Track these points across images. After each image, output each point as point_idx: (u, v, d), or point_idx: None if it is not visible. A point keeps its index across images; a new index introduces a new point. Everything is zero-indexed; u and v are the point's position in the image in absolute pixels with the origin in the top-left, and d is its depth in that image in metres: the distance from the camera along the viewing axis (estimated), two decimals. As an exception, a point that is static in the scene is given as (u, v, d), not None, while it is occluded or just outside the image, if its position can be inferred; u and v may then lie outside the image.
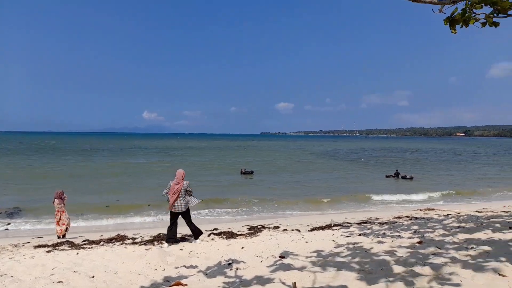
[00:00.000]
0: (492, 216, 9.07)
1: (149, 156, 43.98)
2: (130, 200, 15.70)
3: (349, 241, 6.44)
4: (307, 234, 8.26)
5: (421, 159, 46.42)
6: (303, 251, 5.85)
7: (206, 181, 22.07)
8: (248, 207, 14.79)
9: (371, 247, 5.49)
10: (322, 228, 9.56)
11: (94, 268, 5.63)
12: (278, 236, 8.21)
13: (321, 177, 25.35)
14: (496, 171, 31.04)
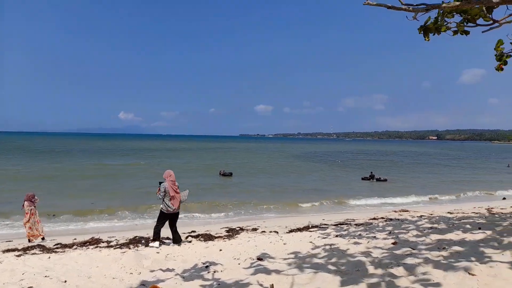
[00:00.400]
0: (463, 217, 9.38)
1: (125, 158, 43.11)
2: (105, 202, 15.32)
3: (326, 242, 6.51)
4: (285, 236, 8.29)
5: (396, 161, 47.60)
6: (281, 253, 5.87)
7: (184, 183, 21.75)
8: (226, 209, 14.71)
9: (347, 248, 5.57)
10: (300, 229, 9.61)
11: (67, 272, 5.45)
12: (256, 238, 8.20)
13: (299, 179, 25.56)
14: (466, 174, 32.20)
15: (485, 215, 9.68)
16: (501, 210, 11.59)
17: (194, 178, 24.89)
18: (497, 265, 3.81)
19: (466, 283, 3.40)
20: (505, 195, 19.01)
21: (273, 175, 27.65)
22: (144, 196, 16.76)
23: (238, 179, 25.00)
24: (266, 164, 39.19)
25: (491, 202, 15.76)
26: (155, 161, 39.35)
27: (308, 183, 23.42)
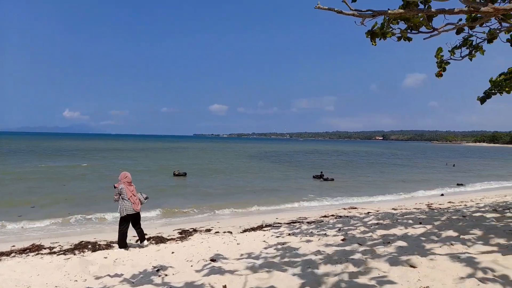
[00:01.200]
0: (406, 213, 9.97)
1: (71, 159, 40.75)
2: (47, 207, 14.37)
3: (279, 241, 6.60)
4: (239, 236, 8.29)
5: (348, 161, 49.52)
6: (234, 253, 5.86)
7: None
8: (180, 210, 14.41)
9: (299, 246, 5.69)
10: (253, 229, 9.67)
11: (3, 282, 5.03)
12: (210, 239, 8.12)
13: (253, 179, 25.71)
14: (410, 172, 34.27)
15: (425, 211, 10.36)
16: (440, 206, 12.47)
17: (146, 179, 24.13)
18: (435, 257, 4.08)
19: (408, 275, 3.60)
20: (443, 192, 20.47)
21: (227, 175, 27.57)
22: (91, 200, 15.96)
23: (192, 179, 24.64)
24: (220, 164, 38.99)
25: (431, 199, 16.91)
26: (104, 162, 37.54)
27: (262, 183, 23.63)
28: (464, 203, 12.83)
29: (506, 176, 30.83)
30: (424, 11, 3.21)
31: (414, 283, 3.40)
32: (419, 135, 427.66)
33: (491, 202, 12.08)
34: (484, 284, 3.18)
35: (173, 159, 45.32)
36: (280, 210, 14.95)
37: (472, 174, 32.96)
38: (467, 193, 20.22)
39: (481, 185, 24.93)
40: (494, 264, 3.66)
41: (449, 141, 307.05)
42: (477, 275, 3.41)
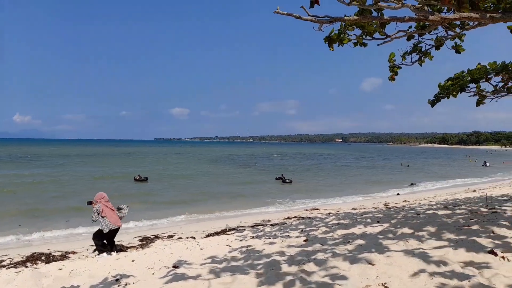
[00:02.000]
0: (365, 212, 10.33)
1: (22, 166, 38.36)
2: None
3: (243, 244, 6.59)
4: (202, 241, 8.19)
5: (310, 163, 50.52)
6: (197, 258, 5.78)
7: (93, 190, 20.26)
8: (140, 216, 13.99)
9: (263, 249, 5.71)
10: (217, 233, 9.60)
11: None
12: (172, 245, 7.96)
13: (216, 183, 25.55)
14: (369, 172, 35.58)
15: (383, 210, 10.79)
16: (396, 205, 13.05)
17: (106, 185, 23.23)
18: (392, 254, 4.25)
19: (367, 272, 3.72)
20: (399, 191, 21.44)
21: (190, 180, 27.19)
22: (44, 210, 15.13)
23: (154, 184, 24.06)
24: (182, 168, 38.39)
25: (388, 198, 17.66)
26: (61, 170, 35.61)
27: (225, 187, 23.54)
28: (418, 202, 13.50)
29: (454, 175, 32.85)
30: (377, 19, 3.37)
31: (373, 279, 3.52)
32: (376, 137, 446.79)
33: (442, 200, 12.81)
34: (437, 278, 3.35)
35: (133, 164, 43.99)
36: (244, 214, 14.96)
37: (425, 173, 34.81)
38: (421, 192, 21.33)
39: (433, 184, 26.41)
40: (445, 258, 3.87)
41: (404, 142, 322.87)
42: (430, 270, 3.59)
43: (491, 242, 4.30)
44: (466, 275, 3.33)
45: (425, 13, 3.21)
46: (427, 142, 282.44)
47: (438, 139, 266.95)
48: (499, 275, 3.17)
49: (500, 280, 3.09)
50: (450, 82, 5.97)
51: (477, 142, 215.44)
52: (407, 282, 3.37)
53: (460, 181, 28.17)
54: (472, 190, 18.07)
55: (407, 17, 3.24)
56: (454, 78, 5.96)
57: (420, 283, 3.30)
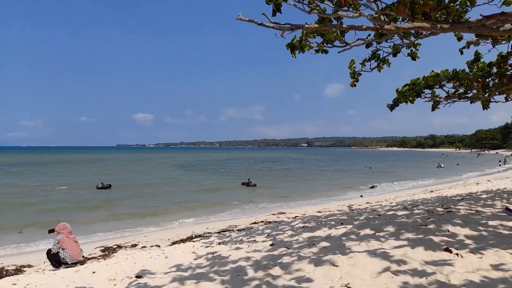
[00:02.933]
0: (330, 215, 10.55)
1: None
2: None
3: (209, 251, 6.52)
4: (167, 249, 8.02)
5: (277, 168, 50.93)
6: (162, 267, 5.64)
7: (54, 201, 19.32)
8: (103, 226, 13.47)
9: (229, 255, 5.68)
10: (183, 241, 9.44)
11: None
12: (136, 255, 7.73)
13: (183, 189, 25.16)
14: (334, 176, 36.40)
15: (346, 212, 11.06)
16: (359, 207, 13.42)
17: (67, 194, 22.20)
18: (355, 255, 4.37)
19: (331, 274, 3.80)
20: (362, 193, 22.07)
21: (155, 187, 26.58)
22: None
23: (118, 192, 23.28)
24: (147, 175, 37.48)
25: (352, 200, 18.12)
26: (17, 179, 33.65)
27: (191, 193, 23.21)
28: (379, 203, 13.96)
29: (413, 177, 34.34)
30: (337, 27, 3.49)
31: (336, 280, 3.60)
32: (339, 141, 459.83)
33: (402, 201, 13.33)
34: (397, 276, 3.47)
35: (95, 172, 42.35)
36: (210, 220, 14.78)
37: (386, 176, 36.10)
38: (383, 193, 22.08)
39: (394, 185, 27.45)
40: (405, 257, 4.03)
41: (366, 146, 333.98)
42: (391, 269, 3.71)
43: (446, 240, 4.53)
44: (425, 272, 3.48)
45: (381, 23, 3.36)
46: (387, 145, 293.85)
47: (398, 142, 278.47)
48: (455, 272, 3.35)
49: (455, 276, 3.25)
50: (407, 87, 6.26)
51: (433, 145, 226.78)
52: (369, 282, 3.46)
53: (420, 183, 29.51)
54: (429, 191, 18.95)
55: (364, 26, 3.38)
56: (410, 84, 6.25)
57: (381, 282, 3.41)
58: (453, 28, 3.40)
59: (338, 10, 3.42)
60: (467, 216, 6.05)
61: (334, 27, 3.46)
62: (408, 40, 5.14)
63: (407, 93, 6.35)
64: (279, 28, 3.14)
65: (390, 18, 4.28)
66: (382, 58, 5.81)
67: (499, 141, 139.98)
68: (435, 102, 6.78)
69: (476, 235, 4.72)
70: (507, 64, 5.86)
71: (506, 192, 10.15)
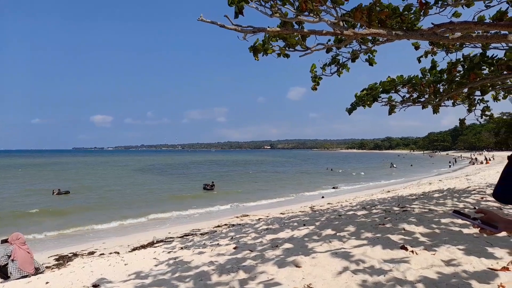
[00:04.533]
0: (292, 216, 10.68)
1: None
2: None
3: (171, 256, 6.38)
4: (127, 256, 7.76)
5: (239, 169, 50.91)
6: (121, 275, 5.44)
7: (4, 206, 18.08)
8: (58, 233, 12.78)
9: (192, 259, 5.58)
10: (143, 247, 9.18)
11: None
12: (93, 263, 7.40)
13: (142, 193, 24.50)
14: (296, 177, 36.97)
15: (308, 213, 11.26)
16: (321, 207, 13.71)
17: (19, 201, 20.82)
18: (317, 255, 4.44)
19: (294, 275, 3.84)
20: (323, 194, 22.58)
21: (114, 191, 25.65)
22: None
23: (76, 198, 22.20)
24: (106, 179, 36.11)
25: (314, 201, 18.48)
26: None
27: (153, 197, 22.63)
28: (340, 204, 14.35)
29: (371, 178, 35.66)
30: (298, 31, 3.55)
31: (299, 281, 3.64)
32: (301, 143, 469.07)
33: (361, 201, 13.78)
34: (357, 275, 3.57)
35: (50, 176, 40.15)
36: (172, 224, 14.46)
37: (346, 177, 37.23)
38: (343, 194, 22.72)
39: (353, 186, 28.36)
40: (364, 256, 4.15)
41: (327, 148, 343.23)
42: (351, 268, 3.81)
43: (402, 238, 4.73)
44: (383, 270, 3.60)
45: (340, 28, 3.47)
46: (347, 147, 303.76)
47: (357, 144, 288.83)
48: (411, 269, 3.50)
49: (411, 273, 3.40)
50: (365, 92, 6.49)
51: (389, 147, 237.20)
52: (331, 281, 3.54)
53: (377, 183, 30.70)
54: (386, 191, 19.74)
55: (324, 31, 3.47)
56: (368, 88, 6.49)
57: (342, 281, 3.49)
58: (407, 35, 3.57)
59: (299, 14, 3.48)
60: (421, 215, 6.36)
61: (295, 31, 3.52)
62: (366, 46, 5.34)
63: (365, 97, 6.59)
64: (241, 30, 3.14)
65: (349, 24, 4.42)
66: (342, 63, 5.99)
67: (449, 143, 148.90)
68: (391, 106, 7.09)
69: (429, 232, 4.97)
70: (456, 71, 6.24)
71: (455, 191, 10.79)
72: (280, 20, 3.65)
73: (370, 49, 5.51)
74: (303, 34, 3.66)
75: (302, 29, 3.67)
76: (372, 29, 3.47)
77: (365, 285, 3.30)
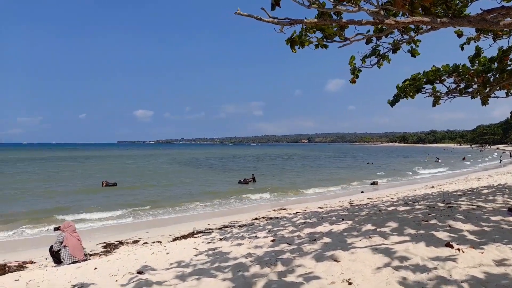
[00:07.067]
0: (331, 211, 10.55)
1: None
2: None
3: (210, 247, 6.54)
4: (169, 245, 8.04)
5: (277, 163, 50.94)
6: (163, 263, 5.66)
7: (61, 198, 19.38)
8: (106, 222, 13.54)
9: (230, 251, 5.69)
10: (184, 237, 9.47)
11: None
12: (137, 251, 7.75)
13: (185, 186, 25.19)
14: (335, 171, 36.39)
15: (347, 208, 11.07)
16: (360, 202, 13.43)
17: (71, 190, 22.24)
18: (356, 251, 4.37)
19: (332, 269, 3.80)
20: (362, 189, 22.09)
21: (159, 183, 26.60)
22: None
23: (122, 189, 23.28)
24: (150, 171, 37.53)
25: (352, 196, 18.13)
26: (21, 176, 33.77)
27: (194, 189, 23.21)
28: (380, 199, 13.97)
29: (414, 172, 34.32)
30: (336, 21, 3.47)
31: (338, 276, 3.60)
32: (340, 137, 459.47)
33: (403, 196, 13.34)
34: (398, 272, 3.48)
35: (99, 168, 42.37)
36: (212, 216, 14.80)
37: (387, 171, 36.07)
38: (383, 189, 22.08)
39: (395, 181, 27.46)
40: (406, 252, 4.03)
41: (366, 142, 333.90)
42: (392, 264, 3.72)
43: (448, 236, 4.53)
44: (426, 268, 3.48)
45: (381, 17, 3.34)
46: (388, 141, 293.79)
47: (399, 138, 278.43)
48: (457, 267, 3.35)
49: (456, 271, 3.26)
50: (408, 83, 6.24)
51: (434, 140, 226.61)
52: (370, 277, 3.47)
53: (419, 178, 29.53)
54: (430, 187, 18.95)
55: (364, 21, 3.36)
56: (410, 79, 6.23)
57: (382, 277, 3.41)
58: (453, 23, 3.38)
59: (337, 4, 3.40)
60: (468, 212, 6.05)
61: (334, 22, 3.44)
62: (408, 35, 5.12)
63: (407, 88, 6.34)
64: (278, 22, 3.12)
65: (390, 13, 4.25)
66: (382, 54, 5.78)
67: (500, 136, 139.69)
68: (435, 97, 6.75)
69: (477, 230, 4.72)
70: (508, 59, 5.83)
71: (507, 187, 10.14)
72: (318, 10, 3.59)
73: (413, 38, 5.27)
74: (342, 24, 3.57)
75: (340, 20, 3.58)
76: (415, 17, 3.31)
77: (407, 282, 3.20)
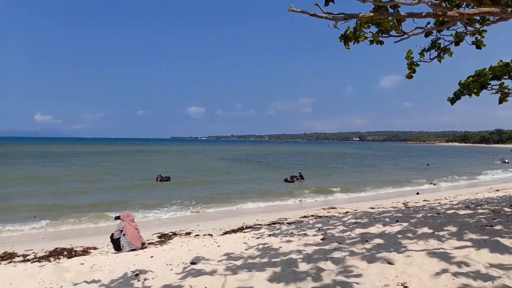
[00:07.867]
0: (383, 211, 10.20)
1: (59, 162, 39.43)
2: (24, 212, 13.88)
3: (260, 242, 6.62)
4: (219, 238, 8.27)
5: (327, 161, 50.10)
6: (215, 255, 5.84)
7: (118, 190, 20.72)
8: (160, 214, 14.23)
9: (280, 247, 5.73)
10: (234, 231, 9.66)
11: (-27, 294, 4.84)
12: (190, 242, 8.06)
13: (236, 181, 25.61)
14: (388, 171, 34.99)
15: (401, 209, 10.62)
16: (415, 204, 12.81)
17: (128, 184, 23.62)
18: (412, 254, 4.20)
19: (386, 271, 3.69)
20: (418, 190, 21.03)
21: (210, 179, 27.32)
22: (69, 205, 15.57)
23: (176, 184, 24.28)
24: (203, 167, 38.69)
25: (407, 197, 17.33)
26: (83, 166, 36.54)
27: (244, 186, 23.55)
28: (438, 201, 13.22)
29: (477, 174, 31.96)
30: (393, 15, 3.33)
31: (392, 279, 3.49)
32: (394, 135, 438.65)
33: (463, 199, 12.51)
34: (458, 278, 3.30)
35: (154, 162, 44.47)
36: (261, 212, 14.95)
37: (446, 172, 33.95)
38: (441, 191, 20.85)
39: (454, 183, 25.80)
40: (467, 258, 3.80)
41: (423, 141, 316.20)
42: (451, 270, 3.53)
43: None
44: (490, 276, 3.26)
45: (443, 9, 3.15)
46: (447, 140, 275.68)
47: (459, 137, 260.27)
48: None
49: (524, 281, 3.02)
50: (471, 79, 5.83)
51: (499, 140, 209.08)
52: (428, 282, 3.32)
53: (482, 180, 27.50)
54: (495, 190, 17.56)
55: (424, 13, 3.19)
56: (475, 75, 5.81)
57: (441, 283, 3.26)
58: (527, 12, 3.10)
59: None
60: (539, 218, 5.55)
61: (390, 15, 3.30)
62: (472, 27, 4.77)
63: (471, 84, 5.92)
64: (332, 18, 3.07)
65: (453, 4, 4.00)
66: (443, 48, 5.45)
67: None
68: (503, 94, 6.24)
69: (550, 238, 4.32)
70: None
71: None
72: (374, 4, 3.47)
73: (478, 30, 4.90)
74: (399, 18, 3.42)
75: (397, 13, 3.43)
76: (482, 8, 3.09)
77: (468, 289, 3.03)
